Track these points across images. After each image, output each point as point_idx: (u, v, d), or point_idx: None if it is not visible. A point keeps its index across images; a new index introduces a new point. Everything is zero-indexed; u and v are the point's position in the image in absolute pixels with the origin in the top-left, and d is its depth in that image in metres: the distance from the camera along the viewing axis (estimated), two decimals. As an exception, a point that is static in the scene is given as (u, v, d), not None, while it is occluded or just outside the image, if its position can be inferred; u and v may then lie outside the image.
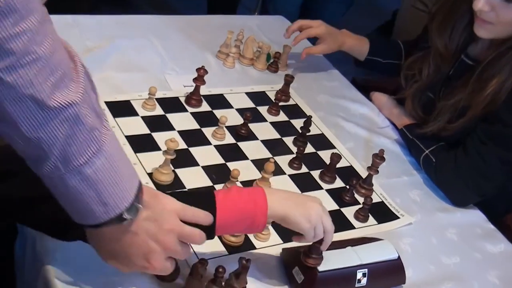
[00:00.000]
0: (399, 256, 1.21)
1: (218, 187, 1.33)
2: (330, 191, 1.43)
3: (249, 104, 1.63)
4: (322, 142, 1.58)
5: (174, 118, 1.49)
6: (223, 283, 1.04)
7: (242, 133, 1.51)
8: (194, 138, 1.45)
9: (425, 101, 1.63)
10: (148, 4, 3.39)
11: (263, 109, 1.62)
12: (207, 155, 1.41)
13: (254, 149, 1.48)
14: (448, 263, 1.36)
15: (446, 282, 1.30)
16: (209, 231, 0.98)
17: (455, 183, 1.51)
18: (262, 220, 1.02)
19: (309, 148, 1.54)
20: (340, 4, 2.64)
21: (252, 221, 1.01)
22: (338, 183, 1.47)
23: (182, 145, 1.41)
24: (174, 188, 1.29)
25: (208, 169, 1.37)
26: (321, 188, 1.44)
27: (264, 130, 1.55)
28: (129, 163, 0.89)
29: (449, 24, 1.55)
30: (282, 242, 1.25)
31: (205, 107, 1.56)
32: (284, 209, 1.03)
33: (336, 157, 1.44)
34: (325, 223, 1.07)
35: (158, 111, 1.50)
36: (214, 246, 1.19)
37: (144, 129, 1.42)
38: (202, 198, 1.01)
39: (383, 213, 1.42)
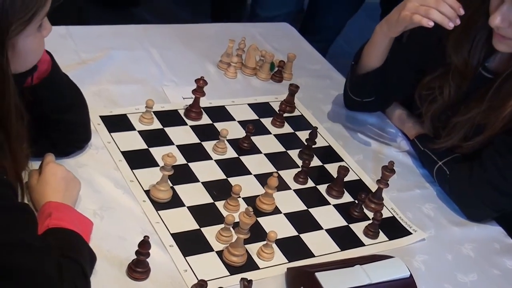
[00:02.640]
0: (411, 275, 1.22)
1: (219, 204, 1.34)
2: (337, 206, 1.44)
3: (252, 115, 1.64)
4: (329, 154, 1.58)
5: (172, 132, 1.50)
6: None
7: (244, 146, 1.52)
8: (193, 152, 1.46)
9: (444, 120, 1.59)
10: (153, 15, 3.40)
11: (266, 121, 1.63)
12: (207, 171, 1.42)
13: (257, 163, 1.48)
14: (465, 281, 1.36)
15: (462, 301, 1.30)
16: None
17: (470, 198, 1.50)
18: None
19: (315, 161, 1.54)
20: (347, 6, 2.66)
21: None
22: (346, 197, 1.47)
23: (181, 160, 1.42)
24: (173, 206, 1.30)
25: (208, 185, 1.38)
26: (328, 203, 1.44)
27: (267, 143, 1.56)
28: None
29: (467, 39, 1.51)
30: (287, 261, 1.26)
31: (205, 119, 1.57)
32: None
33: (344, 170, 1.45)
34: None
35: (156, 125, 1.51)
36: (214, 266, 1.20)
37: (141, 144, 1.44)
38: None
39: (394, 229, 1.42)
